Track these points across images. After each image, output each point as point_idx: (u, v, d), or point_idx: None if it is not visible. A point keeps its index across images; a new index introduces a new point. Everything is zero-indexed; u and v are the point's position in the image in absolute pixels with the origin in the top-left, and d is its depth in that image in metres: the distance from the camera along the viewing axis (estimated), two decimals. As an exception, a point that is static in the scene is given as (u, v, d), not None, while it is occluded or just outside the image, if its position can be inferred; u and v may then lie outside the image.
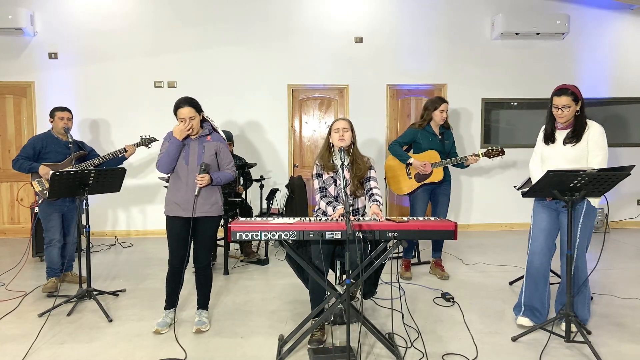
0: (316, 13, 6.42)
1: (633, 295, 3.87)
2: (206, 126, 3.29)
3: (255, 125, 6.47)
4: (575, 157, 3.05)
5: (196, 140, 3.21)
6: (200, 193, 3.15)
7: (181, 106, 3.12)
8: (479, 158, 4.27)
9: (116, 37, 6.27)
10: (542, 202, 3.20)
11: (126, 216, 6.43)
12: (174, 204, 3.18)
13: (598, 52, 6.67)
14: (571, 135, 3.06)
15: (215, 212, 3.23)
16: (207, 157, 3.17)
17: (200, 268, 3.27)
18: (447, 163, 4.29)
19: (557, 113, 3.05)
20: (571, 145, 3.06)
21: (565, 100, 3.00)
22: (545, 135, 3.18)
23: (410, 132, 4.40)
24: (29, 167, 3.97)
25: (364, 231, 2.70)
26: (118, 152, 4.25)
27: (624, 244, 5.81)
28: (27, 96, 6.24)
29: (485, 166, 6.61)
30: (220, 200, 3.28)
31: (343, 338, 3.02)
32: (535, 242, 3.20)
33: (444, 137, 4.41)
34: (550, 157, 3.14)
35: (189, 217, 3.14)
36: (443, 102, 4.31)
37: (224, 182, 3.23)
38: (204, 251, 3.25)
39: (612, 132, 6.73)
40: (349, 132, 3.14)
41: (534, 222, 3.23)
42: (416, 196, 4.36)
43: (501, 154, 4.33)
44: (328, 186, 3.21)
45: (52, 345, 3.00)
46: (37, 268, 4.78)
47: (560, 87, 3.06)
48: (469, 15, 6.54)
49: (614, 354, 2.83)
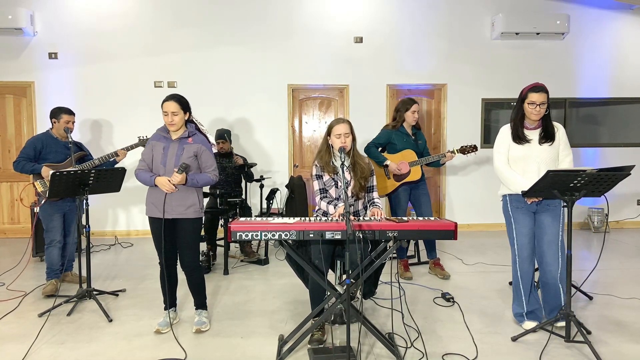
0: (316, 13, 6.42)
1: (633, 295, 3.87)
2: (189, 128, 3.25)
3: (255, 125, 6.47)
4: (551, 157, 3.08)
5: (176, 141, 3.18)
6: (175, 194, 3.11)
7: (167, 100, 3.14)
8: (454, 155, 4.43)
9: (116, 37, 6.27)
10: (517, 205, 3.16)
11: (126, 216, 6.43)
12: (151, 204, 3.18)
13: (598, 52, 6.67)
14: (544, 134, 3.08)
15: (192, 214, 3.17)
16: (185, 160, 3.12)
17: (188, 271, 3.23)
18: (424, 161, 4.39)
19: (533, 110, 3.03)
20: (548, 145, 3.07)
21: (543, 97, 3.02)
22: (514, 135, 3.14)
23: (385, 133, 4.50)
24: (32, 169, 3.97)
25: (364, 231, 2.70)
26: (109, 156, 4.24)
27: (624, 244, 5.81)
28: (27, 96, 6.24)
29: (485, 166, 6.61)
30: (199, 202, 3.21)
31: (343, 338, 3.02)
32: (522, 249, 3.16)
33: (416, 137, 4.52)
34: (525, 157, 3.10)
35: (165, 218, 3.11)
36: (414, 103, 4.43)
37: (201, 184, 3.17)
38: (187, 254, 3.20)
39: (611, 132, 6.74)
40: (350, 137, 3.12)
41: (516, 228, 3.17)
42: (397, 197, 4.43)
43: (474, 150, 4.48)
44: (329, 188, 3.20)
45: (52, 345, 3.00)
46: (37, 268, 4.78)
47: (535, 84, 3.08)
48: (469, 15, 6.54)
49: (614, 354, 2.83)
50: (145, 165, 3.21)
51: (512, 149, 3.16)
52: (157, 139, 3.22)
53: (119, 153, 4.25)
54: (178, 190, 3.12)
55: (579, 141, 6.62)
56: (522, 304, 3.20)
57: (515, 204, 3.18)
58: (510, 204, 3.21)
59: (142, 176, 3.19)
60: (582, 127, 6.72)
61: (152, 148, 3.20)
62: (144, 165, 3.22)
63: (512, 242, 3.21)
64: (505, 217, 3.27)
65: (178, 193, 3.13)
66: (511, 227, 3.21)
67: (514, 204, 3.18)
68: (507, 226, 3.25)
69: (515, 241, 3.19)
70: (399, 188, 4.41)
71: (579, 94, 6.66)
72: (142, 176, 3.18)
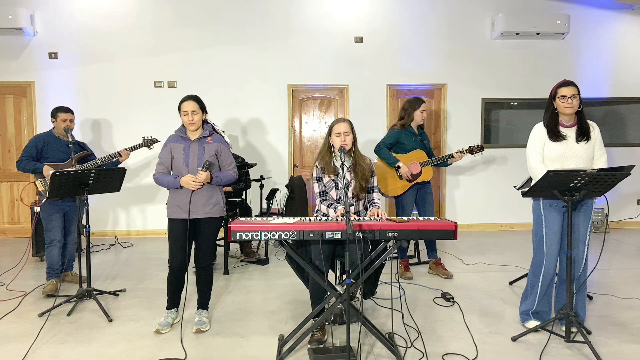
0: (316, 13, 6.42)
1: (633, 295, 3.87)
2: (207, 127, 3.30)
3: (256, 125, 6.47)
4: (588, 155, 3.02)
5: (196, 141, 3.22)
6: (200, 194, 3.15)
7: (186, 100, 3.19)
8: (463, 155, 4.44)
9: (116, 37, 6.27)
10: (550, 204, 3.08)
11: (126, 216, 6.43)
12: (175, 206, 3.19)
13: (598, 52, 6.67)
14: (580, 132, 3.02)
15: (217, 212, 3.23)
16: (208, 158, 3.17)
17: (202, 268, 3.28)
18: (435, 161, 4.37)
19: (566, 103, 2.97)
20: (584, 143, 3.02)
21: (573, 90, 2.97)
22: (551, 132, 3.05)
23: (393, 133, 4.46)
24: (33, 168, 3.97)
25: (364, 231, 2.70)
26: (112, 157, 4.23)
27: (624, 244, 5.81)
28: (27, 96, 6.24)
29: (485, 166, 6.61)
30: (222, 201, 3.27)
31: (343, 338, 3.02)
32: (550, 248, 3.07)
33: (422, 137, 4.50)
34: (563, 156, 3.02)
35: (190, 218, 3.15)
36: (422, 102, 4.41)
37: (224, 182, 3.23)
38: (205, 252, 3.25)
39: (611, 132, 6.74)
40: (350, 136, 3.12)
41: (547, 227, 3.08)
42: (406, 197, 4.41)
43: (481, 150, 4.53)
44: (329, 190, 3.20)
45: (52, 345, 3.00)
46: (37, 268, 4.79)
47: (564, 80, 3.05)
48: (469, 15, 6.54)
49: (614, 354, 2.83)
50: (164, 168, 3.23)
51: (549, 147, 3.06)
52: (175, 141, 3.23)
53: (122, 153, 4.25)
54: (203, 190, 3.14)
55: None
56: (532, 303, 3.16)
57: (548, 202, 3.09)
58: (542, 202, 3.12)
59: (164, 180, 3.18)
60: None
61: (170, 150, 3.22)
62: (162, 169, 3.23)
63: (541, 240, 3.11)
64: (535, 215, 3.17)
65: (203, 192, 3.15)
66: (541, 225, 3.11)
67: (547, 202, 3.09)
68: (536, 224, 3.15)
69: (544, 239, 3.09)
70: (409, 189, 4.39)
71: (579, 94, 6.65)
72: (165, 180, 3.18)
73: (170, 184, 3.16)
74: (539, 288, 3.14)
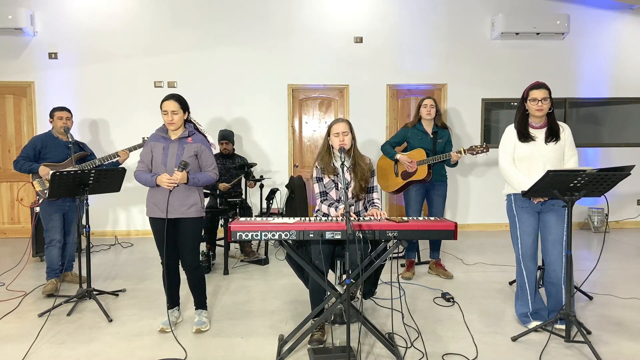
0: (316, 13, 6.42)
1: (633, 295, 3.87)
2: (188, 127, 3.25)
3: (256, 125, 6.47)
4: (557, 156, 3.09)
5: (176, 141, 3.18)
6: (177, 194, 3.11)
7: (167, 99, 3.15)
8: (461, 155, 4.24)
9: (116, 37, 6.27)
10: (522, 205, 3.16)
11: (126, 216, 6.43)
12: (152, 204, 3.17)
13: (598, 52, 6.67)
14: (550, 133, 3.09)
15: (194, 213, 3.17)
16: (186, 159, 3.12)
17: (189, 271, 3.23)
18: (431, 161, 4.28)
19: (536, 106, 3.04)
20: (553, 144, 3.08)
21: (544, 93, 3.04)
22: (520, 134, 3.13)
23: (401, 131, 4.51)
24: (29, 168, 3.97)
25: (364, 231, 2.70)
26: (111, 157, 4.23)
27: (624, 244, 5.81)
28: (27, 96, 6.24)
29: (485, 166, 6.61)
30: (200, 201, 3.21)
31: (343, 338, 3.02)
32: (526, 248, 3.17)
33: (436, 135, 4.39)
34: (530, 157, 3.10)
35: (168, 217, 3.11)
36: (426, 98, 4.40)
37: (202, 183, 3.17)
38: (188, 253, 3.20)
39: (611, 132, 6.74)
40: (348, 135, 3.11)
41: (520, 228, 3.18)
42: (409, 196, 4.40)
43: (485, 150, 4.27)
44: (329, 190, 3.19)
45: (52, 345, 2.99)
46: (37, 268, 4.79)
47: (536, 82, 3.10)
48: (469, 15, 6.54)
49: (614, 354, 2.83)
50: (144, 166, 3.21)
51: (518, 148, 3.15)
52: (156, 140, 3.22)
53: (120, 154, 4.24)
54: (180, 190, 3.12)
55: (579, 141, 6.56)
56: (527, 304, 3.19)
57: (519, 203, 3.18)
58: (514, 204, 3.22)
59: (142, 177, 3.18)
60: (582, 127, 6.71)
61: (151, 149, 3.20)
62: (143, 167, 3.21)
63: (516, 241, 3.22)
64: (509, 217, 3.28)
65: (180, 192, 3.12)
66: (515, 226, 3.21)
67: (519, 203, 3.18)
68: (511, 226, 3.26)
69: (519, 240, 3.19)
70: (410, 187, 4.38)
71: (579, 94, 6.66)
72: (143, 177, 3.17)
73: (147, 182, 3.15)
74: (527, 288, 3.19)
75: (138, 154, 5.81)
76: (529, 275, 3.18)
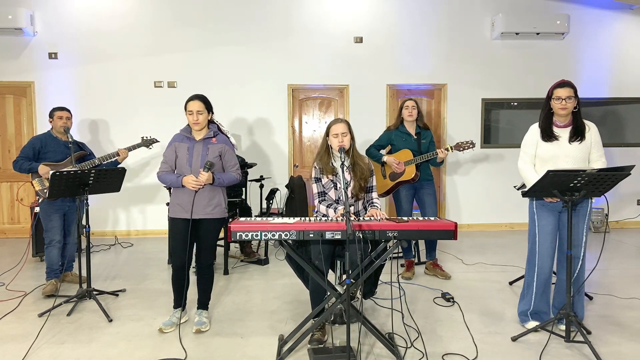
0: (316, 13, 6.42)
1: (633, 295, 3.87)
2: (212, 128, 3.29)
3: (255, 125, 6.47)
4: (581, 156, 3.02)
5: (201, 142, 3.21)
6: (202, 194, 3.14)
7: (192, 99, 3.17)
8: (447, 152, 4.30)
9: (116, 37, 6.27)
10: (543, 203, 3.12)
11: (126, 216, 6.43)
12: (177, 205, 3.20)
13: (598, 52, 6.67)
14: (574, 133, 3.03)
15: (218, 214, 3.23)
16: (211, 159, 3.16)
17: (202, 268, 3.27)
18: (418, 160, 4.31)
19: (560, 105, 2.99)
20: (578, 144, 3.01)
21: (569, 92, 2.99)
22: (543, 133, 3.08)
23: (384, 134, 4.53)
24: (29, 168, 3.97)
25: (364, 231, 2.70)
26: (110, 156, 4.23)
27: (624, 244, 5.81)
28: (27, 96, 6.24)
29: (485, 166, 6.61)
30: (224, 202, 3.27)
31: (343, 338, 3.02)
32: (543, 247, 3.10)
33: (420, 136, 4.44)
34: (554, 157, 3.04)
35: (192, 218, 3.15)
36: (407, 99, 4.43)
37: (227, 183, 3.21)
38: (206, 252, 3.25)
39: (611, 132, 6.74)
40: (347, 136, 3.11)
41: (539, 226, 3.12)
42: (397, 197, 4.42)
43: (471, 146, 4.37)
44: (328, 190, 3.20)
45: (52, 345, 2.99)
46: (37, 268, 4.78)
47: (561, 81, 3.06)
48: (468, 15, 6.54)
49: (614, 354, 2.83)
50: (167, 167, 3.23)
51: (541, 148, 3.09)
52: (180, 140, 3.23)
53: (120, 153, 4.24)
54: (204, 190, 3.14)
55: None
56: (529, 302, 3.17)
57: (541, 202, 3.12)
58: (535, 202, 3.15)
59: (167, 178, 3.19)
60: (582, 127, 6.71)
61: (175, 149, 3.22)
62: (166, 167, 3.23)
63: (534, 239, 3.15)
64: (529, 215, 3.21)
65: (205, 193, 3.15)
66: (534, 224, 3.15)
67: (540, 201, 3.13)
68: (530, 224, 3.20)
69: (537, 239, 3.13)
70: (399, 188, 4.41)
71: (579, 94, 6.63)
72: (168, 178, 3.18)
73: (173, 183, 3.16)
74: (534, 287, 3.16)
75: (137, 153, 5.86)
76: (539, 274, 3.12)
